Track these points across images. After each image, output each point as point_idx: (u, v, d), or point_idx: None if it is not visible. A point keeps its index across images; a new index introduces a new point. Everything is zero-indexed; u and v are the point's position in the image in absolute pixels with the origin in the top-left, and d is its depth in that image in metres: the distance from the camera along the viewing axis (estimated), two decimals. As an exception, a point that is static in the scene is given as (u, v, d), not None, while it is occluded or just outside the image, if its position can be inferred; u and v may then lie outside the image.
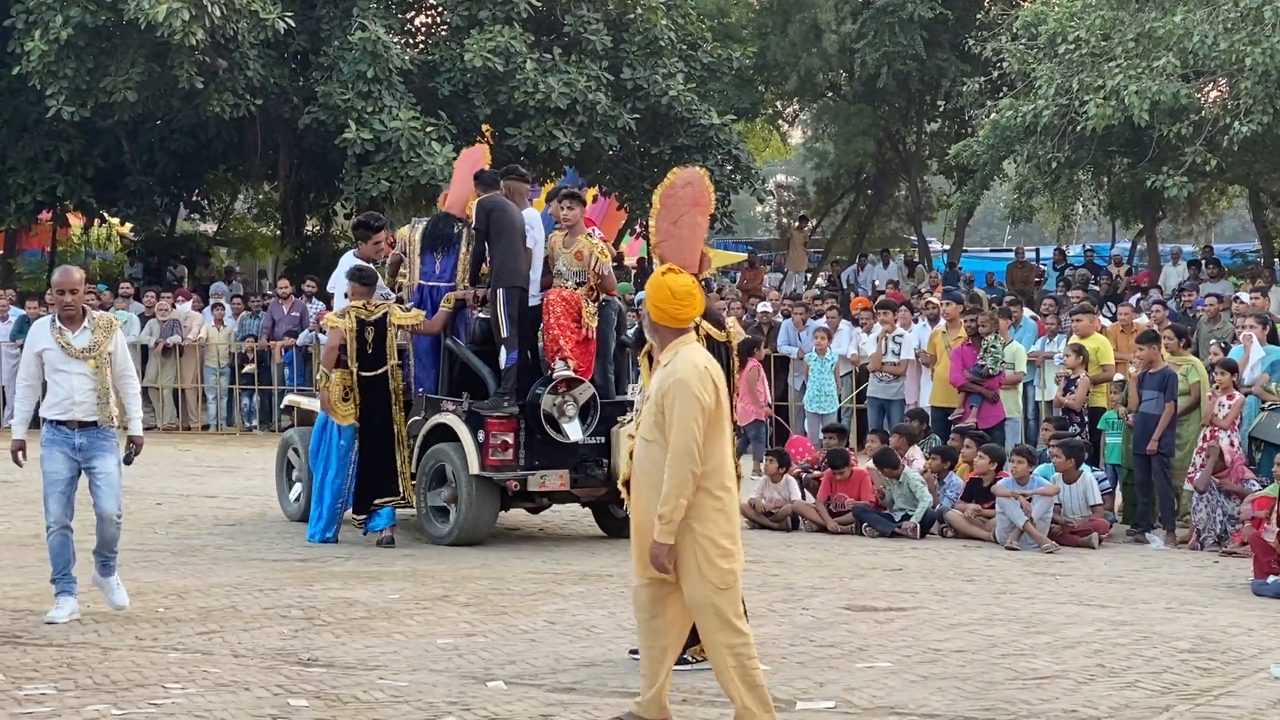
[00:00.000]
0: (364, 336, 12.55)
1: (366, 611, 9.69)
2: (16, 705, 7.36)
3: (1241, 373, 14.77)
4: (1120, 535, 13.75)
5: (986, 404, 15.60)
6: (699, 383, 6.65)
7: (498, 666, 8.22)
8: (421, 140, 24.49)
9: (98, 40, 23.68)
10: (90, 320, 9.54)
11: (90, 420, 9.45)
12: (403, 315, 12.82)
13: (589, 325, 12.68)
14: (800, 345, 20.82)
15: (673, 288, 6.83)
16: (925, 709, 7.40)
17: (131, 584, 10.60)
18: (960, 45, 29.15)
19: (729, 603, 6.69)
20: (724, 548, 6.69)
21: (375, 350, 12.58)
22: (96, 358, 9.42)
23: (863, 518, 13.76)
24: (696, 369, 6.69)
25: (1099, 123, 21.63)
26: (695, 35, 29.25)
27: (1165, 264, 28.99)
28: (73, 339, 9.44)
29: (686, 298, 6.83)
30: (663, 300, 6.83)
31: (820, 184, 40.53)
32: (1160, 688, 7.85)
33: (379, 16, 25.30)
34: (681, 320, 6.86)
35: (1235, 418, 13.60)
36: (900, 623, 9.53)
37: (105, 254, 36.44)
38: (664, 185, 8.33)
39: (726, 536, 6.71)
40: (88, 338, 9.46)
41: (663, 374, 6.76)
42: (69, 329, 9.46)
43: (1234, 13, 21.46)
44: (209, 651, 8.55)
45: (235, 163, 30.02)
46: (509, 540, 13.17)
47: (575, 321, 12.63)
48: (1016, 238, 48.75)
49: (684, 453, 6.60)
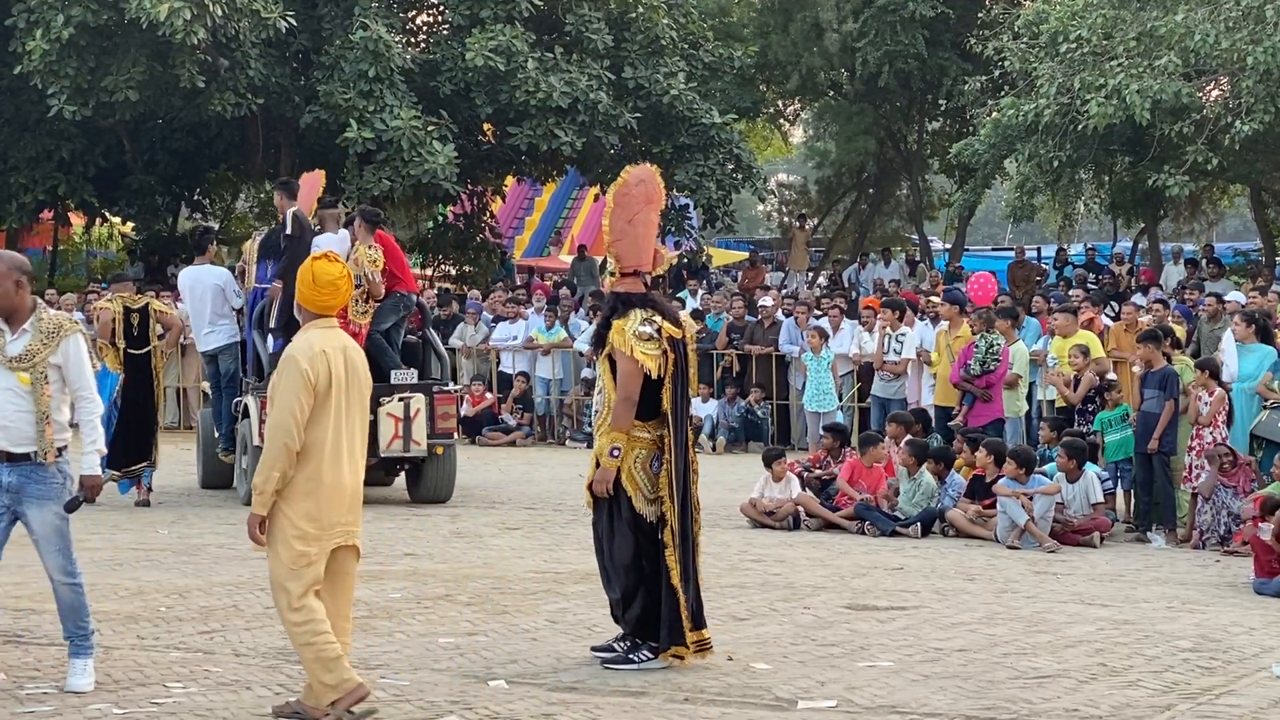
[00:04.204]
0: (130, 321, 15.04)
1: (368, 610, 9.68)
2: (18, 705, 7.36)
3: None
4: (1121, 534, 13.76)
5: (979, 403, 15.58)
6: (308, 360, 6.78)
7: (499, 665, 8.22)
8: (423, 139, 24.51)
9: (99, 39, 23.69)
10: (35, 321, 7.51)
11: (22, 452, 7.41)
12: (162, 305, 15.85)
13: (356, 321, 14.58)
14: (801, 343, 20.81)
15: (316, 275, 7.00)
16: (927, 708, 7.39)
17: (133, 583, 10.62)
18: (962, 44, 29.16)
19: (297, 584, 6.75)
20: (300, 529, 6.76)
21: (140, 333, 15.08)
22: (31, 370, 7.41)
23: (865, 516, 13.75)
24: (310, 348, 6.84)
25: (1100, 121, 21.63)
26: (697, 34, 29.27)
27: (1166, 263, 29.00)
28: (8, 343, 7.48)
29: (328, 287, 6.99)
30: (305, 285, 7.04)
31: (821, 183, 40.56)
32: (1162, 687, 7.85)
33: (380, 15, 25.32)
34: (320, 306, 7.02)
35: (1216, 414, 13.55)
36: (902, 622, 9.53)
37: (107, 253, 36.45)
38: (617, 184, 8.34)
39: (307, 518, 6.77)
40: (23, 343, 7.46)
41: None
42: (9, 330, 7.50)
43: (1235, 11, 21.46)
44: (211, 650, 8.54)
45: (236, 162, 30.03)
46: (510, 540, 13.17)
47: (341, 318, 13.77)
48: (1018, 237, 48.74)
49: (280, 427, 6.73)
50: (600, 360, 8.26)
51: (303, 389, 6.76)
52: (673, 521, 8.06)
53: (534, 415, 22.27)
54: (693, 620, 8.14)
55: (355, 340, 14.21)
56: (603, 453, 8.09)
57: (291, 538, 6.77)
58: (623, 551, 8.12)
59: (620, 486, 8.06)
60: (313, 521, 6.78)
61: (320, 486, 6.79)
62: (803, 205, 42.83)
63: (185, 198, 31.97)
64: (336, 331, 7.09)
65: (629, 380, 8.01)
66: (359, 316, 14.71)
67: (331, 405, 6.83)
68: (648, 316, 8.11)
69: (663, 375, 8.07)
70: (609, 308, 8.26)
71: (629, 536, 8.10)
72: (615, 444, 8.04)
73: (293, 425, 6.72)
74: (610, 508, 8.14)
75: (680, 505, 8.10)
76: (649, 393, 8.08)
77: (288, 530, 6.78)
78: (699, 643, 8.18)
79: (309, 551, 6.77)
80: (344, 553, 6.97)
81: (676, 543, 8.06)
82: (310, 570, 6.78)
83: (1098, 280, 27.63)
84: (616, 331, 8.05)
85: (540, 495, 16.14)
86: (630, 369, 8.00)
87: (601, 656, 8.23)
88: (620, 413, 8.03)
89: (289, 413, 6.73)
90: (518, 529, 13.84)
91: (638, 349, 7.98)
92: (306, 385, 6.76)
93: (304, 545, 6.76)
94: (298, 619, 6.77)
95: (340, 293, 7.03)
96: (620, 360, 8.04)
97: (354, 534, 6.99)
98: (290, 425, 6.72)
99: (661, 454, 8.14)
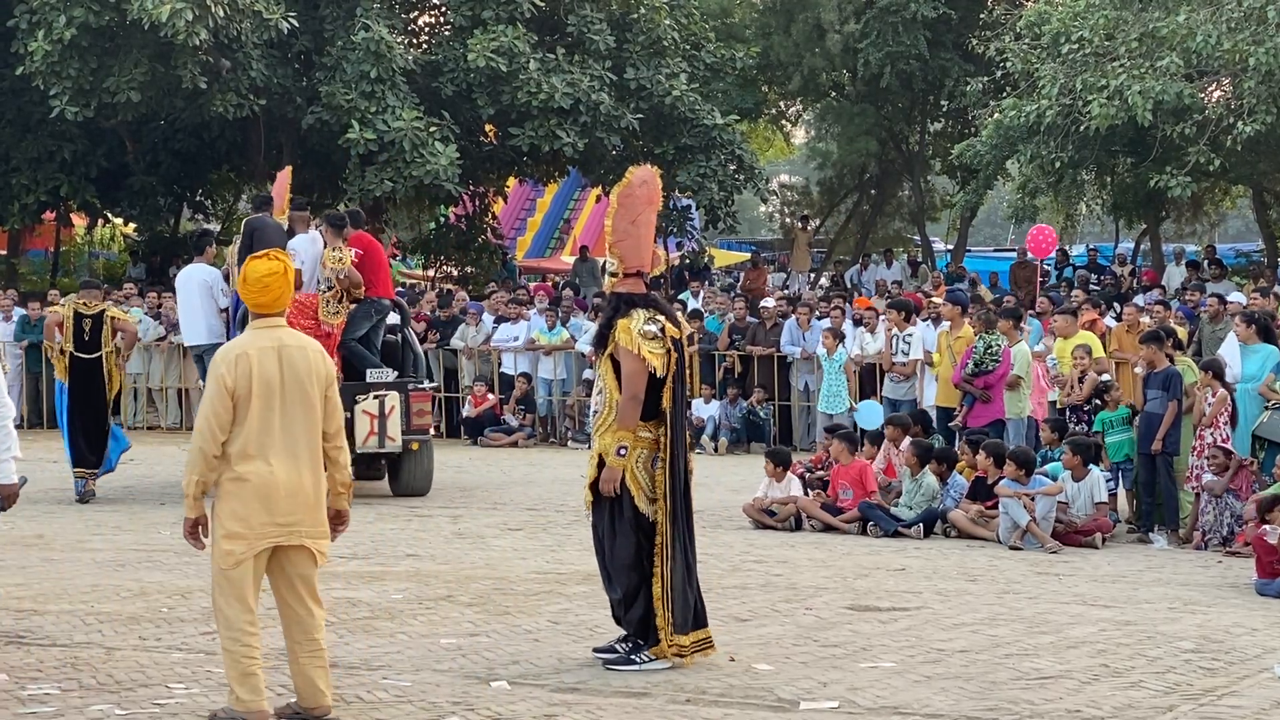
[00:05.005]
0: (81, 326, 15.43)
1: (370, 611, 9.69)
2: (20, 705, 7.37)
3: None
4: (1123, 535, 13.75)
5: (979, 403, 15.57)
6: (226, 365, 6.79)
7: (501, 666, 8.23)
8: (425, 140, 24.51)
9: (101, 40, 23.69)
10: None
11: None
12: (119, 312, 16.20)
13: (328, 321, 14.97)
14: (804, 345, 20.81)
15: (246, 273, 7.02)
16: (929, 709, 7.39)
17: (135, 584, 10.62)
18: (963, 45, 29.17)
19: (227, 583, 6.77)
20: (227, 528, 6.78)
21: (92, 338, 15.43)
22: None
23: (868, 515, 13.74)
24: (229, 352, 6.86)
25: (1102, 122, 21.63)
26: (698, 35, 29.27)
27: (1168, 264, 29.00)
28: None
29: (255, 284, 6.97)
30: (239, 284, 7.11)
31: (823, 184, 40.60)
32: (1164, 688, 7.85)
33: (382, 16, 25.32)
34: (254, 304, 7.02)
35: (1217, 414, 13.55)
36: (904, 623, 9.53)
37: (109, 254, 36.46)
38: (622, 184, 8.35)
39: (233, 518, 6.78)
40: None
41: None
42: None
43: (1237, 12, 21.45)
44: (212, 651, 8.53)
45: (238, 163, 30.04)
46: (512, 541, 13.17)
47: (311, 319, 14.81)
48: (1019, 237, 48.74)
49: (198, 431, 6.81)
50: (601, 360, 8.26)
51: (218, 394, 6.78)
52: (663, 522, 8.08)
53: (536, 416, 22.26)
54: (695, 620, 8.17)
55: (327, 341, 14.57)
56: (608, 451, 8.10)
57: (220, 537, 6.81)
58: (624, 551, 8.13)
59: (623, 485, 8.08)
60: (239, 521, 6.77)
61: (245, 486, 6.77)
62: (805, 206, 42.86)
63: (187, 199, 32.00)
64: (276, 331, 6.97)
65: (634, 378, 8.02)
66: (331, 318, 15.08)
67: (256, 406, 6.78)
68: (651, 316, 8.13)
69: (665, 375, 8.09)
70: (611, 308, 8.28)
71: (630, 536, 8.11)
72: (622, 442, 8.06)
73: (207, 430, 6.76)
74: (611, 508, 8.15)
75: (682, 505, 8.13)
76: (650, 392, 8.09)
77: (217, 530, 6.83)
78: (699, 641, 8.19)
79: (234, 550, 6.76)
80: (295, 554, 6.88)
81: (669, 543, 8.08)
82: (239, 571, 6.76)
83: (1099, 281, 27.63)
84: (622, 330, 8.06)
85: (542, 496, 16.14)
86: (636, 367, 8.01)
87: (603, 657, 8.24)
88: (627, 411, 8.04)
89: (204, 418, 6.79)
90: (519, 530, 13.84)
91: (644, 347, 8.00)
92: (222, 390, 6.77)
93: (230, 544, 6.77)
94: (223, 621, 6.80)
95: (270, 290, 6.94)
96: (626, 359, 8.05)
97: (300, 534, 6.86)
98: (205, 430, 6.77)
99: (660, 454, 8.17)
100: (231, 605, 6.76)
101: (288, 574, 6.91)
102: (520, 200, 39.82)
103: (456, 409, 22.83)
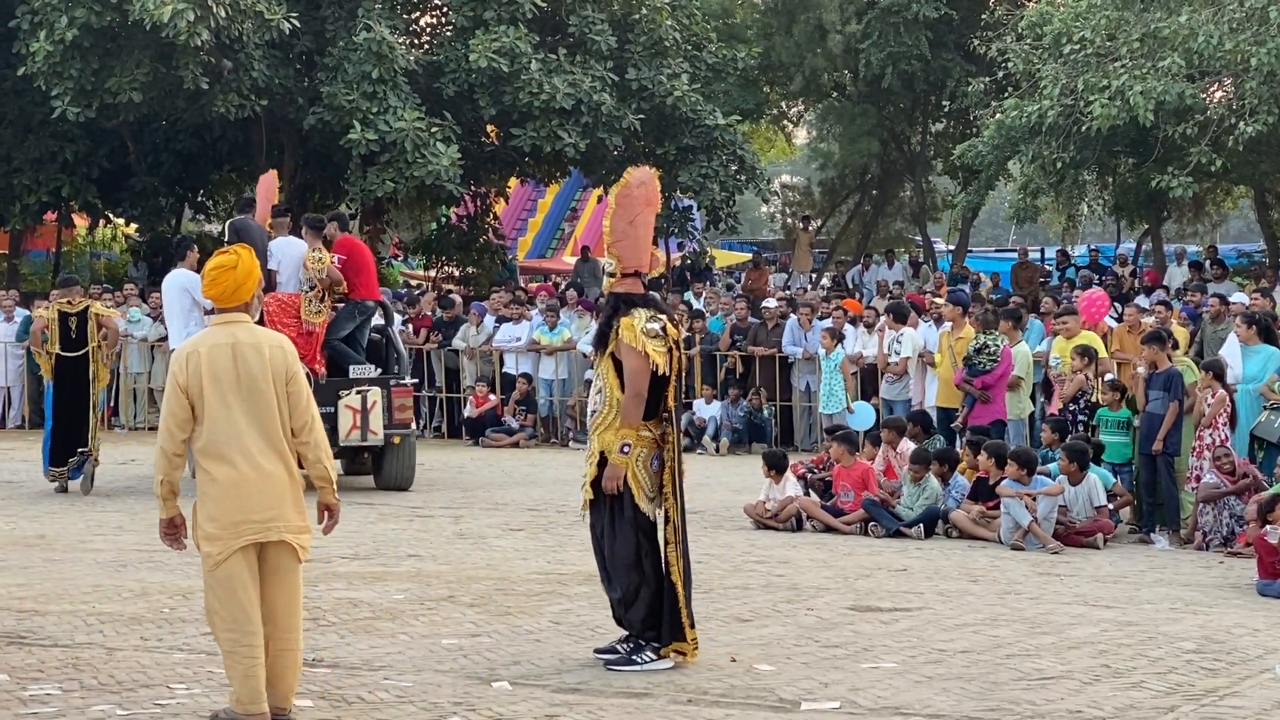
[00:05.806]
0: (67, 325, 15.67)
1: (371, 612, 9.69)
2: (21, 706, 7.37)
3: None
4: (1125, 535, 13.75)
5: (979, 403, 15.57)
6: (178, 364, 6.80)
7: (503, 667, 8.23)
8: (426, 141, 24.50)
9: (103, 41, 23.69)
10: None
11: None
12: (103, 309, 16.42)
13: (310, 321, 15.46)
14: (805, 345, 20.82)
15: (206, 266, 7.04)
16: (930, 709, 7.39)
17: (137, 584, 10.63)
18: (965, 45, 29.16)
19: (217, 584, 6.76)
20: (204, 529, 6.79)
21: (78, 336, 15.69)
22: None
23: (872, 512, 13.72)
24: (182, 351, 6.84)
25: (1104, 123, 21.61)
26: (700, 36, 29.26)
27: (1170, 264, 28.98)
28: None
29: (205, 277, 7.00)
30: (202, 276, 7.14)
31: (825, 184, 40.60)
32: (1165, 688, 7.85)
33: (384, 17, 25.31)
34: (211, 298, 7.02)
35: (1216, 415, 13.54)
36: (905, 623, 9.53)
37: (110, 254, 36.43)
38: (620, 185, 8.37)
39: (207, 518, 6.78)
40: None
41: None
42: None
43: (1239, 13, 21.44)
44: (214, 652, 8.51)
45: (240, 163, 30.03)
46: (513, 541, 13.17)
47: (293, 318, 15.37)
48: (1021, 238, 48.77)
49: (159, 432, 6.86)
50: (602, 360, 8.27)
51: (172, 392, 6.79)
52: (675, 518, 8.10)
53: (537, 417, 22.27)
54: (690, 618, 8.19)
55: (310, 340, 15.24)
56: (610, 449, 8.11)
57: (199, 539, 6.81)
58: (624, 550, 8.14)
59: (624, 484, 8.09)
60: (213, 521, 6.76)
61: (214, 485, 6.76)
62: (806, 207, 42.89)
63: (189, 199, 31.99)
64: (231, 327, 6.89)
65: (637, 376, 8.04)
66: (313, 317, 15.56)
67: (212, 403, 6.73)
68: (652, 315, 8.14)
69: (668, 373, 8.11)
70: (610, 308, 8.30)
71: (630, 535, 8.12)
72: (626, 440, 8.07)
73: (164, 429, 6.78)
74: (612, 507, 8.16)
75: (680, 503, 8.16)
76: (653, 391, 8.11)
77: (197, 532, 6.83)
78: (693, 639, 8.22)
79: (213, 552, 6.76)
80: (274, 549, 6.85)
81: (678, 539, 8.09)
82: (224, 571, 6.75)
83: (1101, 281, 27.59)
84: (626, 328, 8.07)
85: (543, 497, 16.14)
86: (640, 365, 8.03)
87: (604, 658, 8.24)
88: (630, 409, 8.06)
89: (163, 418, 6.81)
90: (521, 530, 13.83)
91: (648, 345, 8.02)
92: (176, 389, 6.77)
93: (208, 545, 6.77)
94: (221, 622, 6.79)
95: (218, 284, 6.89)
96: (629, 357, 8.06)
97: (280, 529, 6.81)
98: (163, 429, 6.80)
99: (661, 452, 8.18)
100: (227, 605, 6.74)
101: (269, 570, 6.88)
102: (521, 201, 39.82)
103: (458, 409, 22.84)
